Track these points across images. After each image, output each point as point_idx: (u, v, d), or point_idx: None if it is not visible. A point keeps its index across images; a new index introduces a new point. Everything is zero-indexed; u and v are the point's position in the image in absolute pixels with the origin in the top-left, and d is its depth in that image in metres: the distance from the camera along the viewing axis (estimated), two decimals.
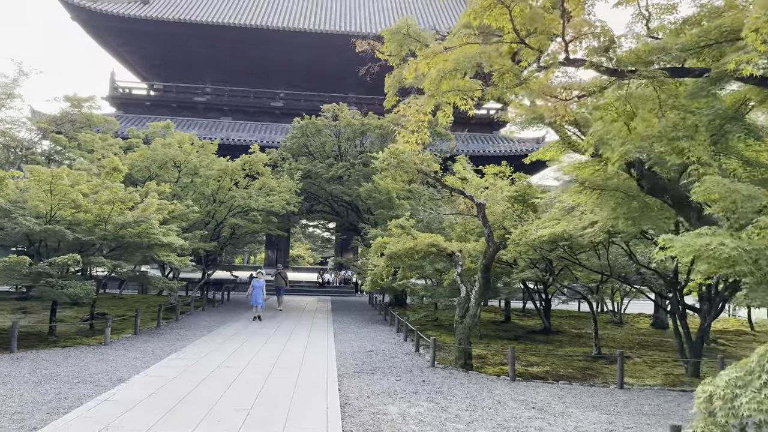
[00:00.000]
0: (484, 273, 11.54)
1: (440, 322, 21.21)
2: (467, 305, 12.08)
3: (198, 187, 19.09)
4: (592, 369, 13.71)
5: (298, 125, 24.60)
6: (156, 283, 15.43)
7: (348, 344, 14.63)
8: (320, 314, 22.38)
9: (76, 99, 23.22)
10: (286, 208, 21.03)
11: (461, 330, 11.91)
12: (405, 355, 13.18)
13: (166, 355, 11.98)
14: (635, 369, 14.05)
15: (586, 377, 12.76)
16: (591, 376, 12.89)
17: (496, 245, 11.15)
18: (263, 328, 17.12)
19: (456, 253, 12.87)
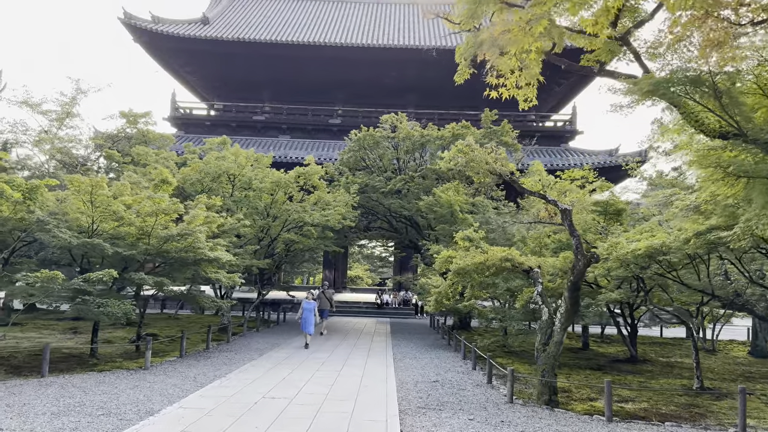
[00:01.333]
0: (572, 292, 9.75)
1: (510, 348, 19.26)
2: (550, 330, 10.29)
3: (251, 201, 18.09)
4: (698, 406, 11.60)
5: (355, 137, 23.45)
6: (203, 302, 14.36)
7: (410, 372, 13.03)
8: (378, 337, 20.87)
9: (132, 115, 22.93)
10: (342, 223, 19.76)
11: (544, 359, 10.12)
12: (476, 387, 11.44)
13: (208, 382, 10.74)
14: (750, 407, 11.79)
15: (695, 417, 10.68)
16: (700, 416, 10.81)
17: (587, 258, 9.39)
18: (317, 353, 15.75)
19: (535, 269, 11.13)
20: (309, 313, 16.86)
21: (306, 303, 17.02)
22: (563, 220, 9.75)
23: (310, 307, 16.93)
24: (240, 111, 39.40)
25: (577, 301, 9.93)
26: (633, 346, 17.84)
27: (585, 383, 13.56)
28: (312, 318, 16.80)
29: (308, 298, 17.24)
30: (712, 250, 11.65)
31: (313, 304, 17.02)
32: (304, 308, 16.94)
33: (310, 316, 16.82)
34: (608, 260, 11.88)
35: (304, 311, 16.88)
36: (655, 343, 24.04)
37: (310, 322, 16.75)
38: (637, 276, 13.24)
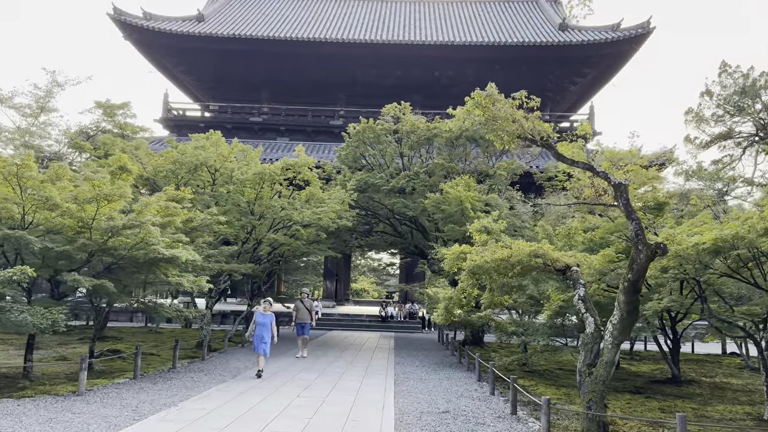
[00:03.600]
0: (631, 295, 7.26)
1: (532, 367, 16.69)
2: (598, 347, 7.78)
3: (231, 196, 15.71)
4: None
5: (353, 131, 21.08)
6: (163, 312, 11.94)
7: (413, 399, 10.52)
8: (380, 354, 18.35)
9: (109, 106, 20.74)
10: (338, 223, 17.32)
11: (591, 385, 7.61)
12: (498, 421, 8.91)
13: (149, 414, 8.29)
14: None
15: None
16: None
17: (651, 249, 6.91)
18: (303, 373, 13.26)
19: (573, 267, 8.65)
20: (263, 330, 12.78)
21: (259, 315, 12.94)
22: (617, 197, 7.29)
23: (265, 321, 12.86)
24: (236, 112, 37.25)
25: (636, 308, 7.42)
26: (675, 364, 15.23)
27: (631, 412, 11.00)
28: (268, 335, 12.80)
29: (262, 308, 13.14)
30: None
31: (269, 317, 12.96)
32: (257, 323, 12.82)
33: (264, 333, 12.77)
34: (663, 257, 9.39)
35: (256, 326, 12.79)
36: (690, 361, 21.37)
37: (264, 340, 12.72)
38: (693, 278, 10.72)
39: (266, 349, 12.80)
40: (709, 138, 20.00)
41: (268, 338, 12.80)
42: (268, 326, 12.89)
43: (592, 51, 34.83)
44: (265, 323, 12.88)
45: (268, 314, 13.05)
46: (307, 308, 16.41)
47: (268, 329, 12.87)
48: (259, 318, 12.91)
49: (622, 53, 35.57)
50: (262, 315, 12.99)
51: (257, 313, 13.07)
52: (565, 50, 34.66)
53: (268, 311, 13.13)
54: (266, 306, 13.19)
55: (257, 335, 12.77)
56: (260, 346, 12.71)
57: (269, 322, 12.94)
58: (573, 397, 12.54)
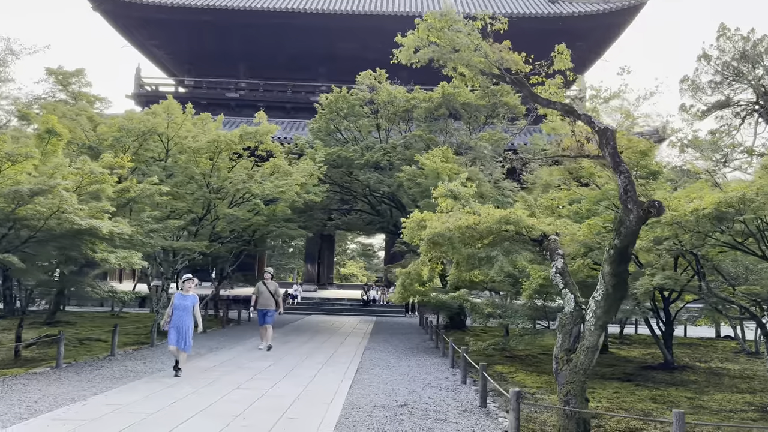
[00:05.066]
0: (618, 265, 5.94)
1: (514, 352, 15.47)
2: (578, 328, 6.49)
3: (183, 166, 14.26)
4: None
5: (325, 101, 19.60)
6: (93, 291, 10.54)
7: (372, 389, 9.22)
8: (353, 339, 17.07)
9: (62, 73, 19.16)
10: (304, 198, 15.93)
11: (570, 375, 6.32)
12: (462, 416, 7.62)
13: (44, 411, 6.94)
14: None
15: None
16: None
17: (643, 209, 5.58)
18: (258, 361, 11.94)
19: (551, 236, 7.33)
20: (183, 316, 9.86)
21: (178, 297, 10.04)
22: (602, 146, 5.95)
23: (185, 304, 9.95)
24: (212, 87, 35.61)
25: (624, 281, 6.10)
26: (668, 349, 14.03)
27: (619, 403, 9.76)
28: (189, 321, 9.92)
29: (183, 287, 10.23)
30: None
31: (191, 299, 10.03)
32: (175, 306, 9.95)
33: (185, 320, 9.85)
34: (658, 224, 8.10)
35: (173, 311, 9.92)
36: (682, 345, 20.19)
37: (184, 329, 9.85)
38: (690, 252, 9.44)
39: (187, 340, 9.88)
40: (706, 107, 18.77)
41: (189, 325, 9.88)
42: (189, 311, 9.92)
43: (583, 23, 33.39)
44: (185, 307, 9.90)
45: (189, 295, 10.05)
46: (270, 292, 13.82)
47: (189, 314, 9.91)
48: (178, 300, 9.96)
49: (614, 26, 34.18)
50: (182, 296, 10.01)
51: (176, 295, 10.16)
52: (555, 23, 33.19)
53: (190, 291, 10.14)
54: (187, 285, 10.15)
55: (174, 323, 9.83)
56: (178, 336, 9.80)
57: (191, 306, 9.97)
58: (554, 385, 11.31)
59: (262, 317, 13.73)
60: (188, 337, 9.89)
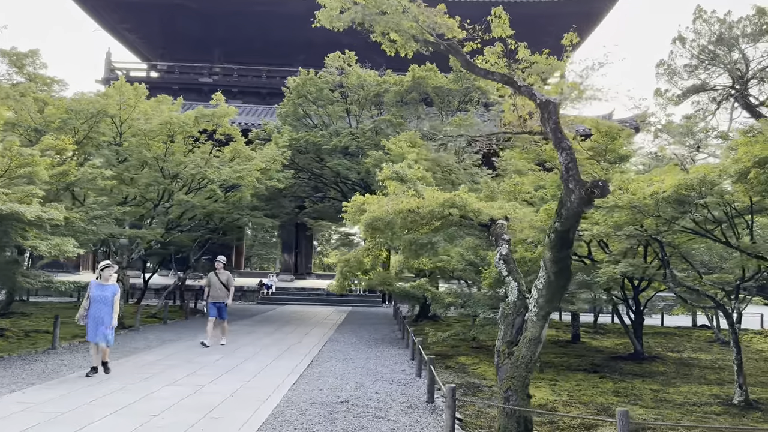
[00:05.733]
0: (559, 251, 5.45)
1: (481, 341, 15.05)
2: (521, 319, 6.00)
3: (134, 149, 13.56)
4: None
5: (293, 84, 18.94)
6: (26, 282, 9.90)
7: (318, 384, 8.71)
8: (319, 330, 16.55)
9: (15, 54, 18.21)
10: (266, 184, 15.31)
11: (511, 370, 5.84)
12: (404, 413, 7.13)
13: None
14: None
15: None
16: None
17: (586, 190, 5.08)
18: (206, 354, 11.36)
19: (499, 221, 6.82)
20: (101, 307, 8.65)
21: (95, 287, 8.76)
22: (543, 122, 5.43)
23: (103, 295, 8.71)
24: (184, 72, 34.70)
25: (566, 268, 5.61)
26: (638, 339, 13.67)
27: (578, 394, 9.34)
28: (108, 315, 8.68)
29: (102, 276, 8.87)
30: None
31: (111, 289, 8.81)
32: (92, 298, 8.73)
33: (104, 313, 8.63)
34: (616, 209, 7.62)
35: (90, 303, 8.72)
36: (657, 334, 19.96)
37: (103, 323, 8.61)
38: (654, 238, 8.99)
39: (108, 335, 8.65)
40: (682, 91, 18.31)
41: (108, 319, 8.65)
42: (109, 302, 8.69)
43: (559, 9, 32.84)
44: (104, 298, 8.68)
45: (109, 285, 8.82)
46: (222, 283, 12.62)
47: (109, 306, 8.68)
48: (95, 291, 8.71)
49: (593, 13, 33.66)
50: (100, 286, 8.76)
51: (92, 285, 8.84)
52: (530, 8, 32.61)
53: (110, 281, 8.89)
54: (107, 273, 8.86)
55: (92, 316, 8.64)
56: (97, 331, 8.59)
57: (111, 297, 8.74)
58: None
59: (213, 310, 12.62)
60: (110, 331, 8.72)
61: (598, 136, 11.95)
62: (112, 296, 8.81)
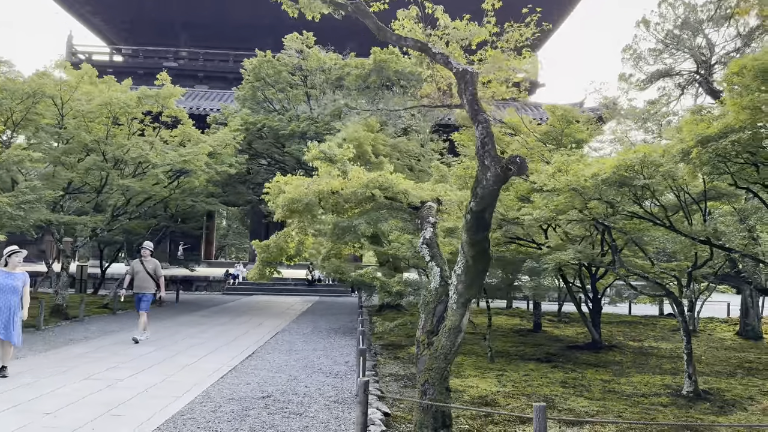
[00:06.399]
0: (474, 233, 5.02)
1: None
2: (442, 307, 5.58)
3: (73, 131, 12.85)
4: (700, 426, 7.19)
5: (250, 66, 18.29)
6: None
7: (249, 377, 8.24)
8: (275, 321, 16.07)
9: None
10: (216, 169, 14.71)
11: (429, 361, 5.42)
12: (328, 408, 6.69)
13: None
14: None
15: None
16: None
17: (501, 166, 4.65)
18: (141, 347, 10.79)
19: (428, 203, 6.38)
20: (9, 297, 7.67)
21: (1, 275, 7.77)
22: (461, 93, 4.98)
23: (11, 284, 7.73)
24: (149, 56, 33.76)
25: (485, 251, 5.19)
26: (596, 327, 13.40)
27: (523, 387, 8.98)
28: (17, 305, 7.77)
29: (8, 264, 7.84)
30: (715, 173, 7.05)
31: (19, 277, 7.86)
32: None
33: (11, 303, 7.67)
34: (555, 192, 7.22)
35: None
36: (623, 323, 19.81)
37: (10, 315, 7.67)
38: (601, 224, 8.63)
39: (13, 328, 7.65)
40: (647, 76, 18.05)
41: (17, 310, 7.73)
42: (17, 291, 7.75)
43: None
44: (12, 288, 7.70)
45: (17, 273, 7.84)
46: (147, 272, 11.18)
47: (16, 296, 7.73)
48: (1, 279, 7.67)
49: None
50: (7, 275, 7.74)
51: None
52: None
53: (18, 268, 7.89)
54: (14, 259, 7.82)
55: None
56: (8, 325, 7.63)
57: (20, 286, 7.80)
58: (464, 367, 10.53)
59: (137, 302, 11.39)
60: (15, 324, 7.71)
61: (554, 119, 11.56)
62: (21, 286, 7.86)
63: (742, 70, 6.35)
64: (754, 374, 11.05)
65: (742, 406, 8.38)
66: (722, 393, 9.15)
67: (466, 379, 9.47)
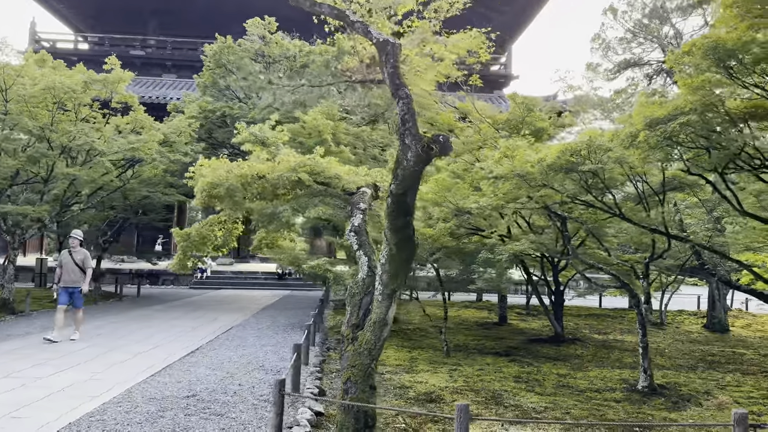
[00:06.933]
0: (396, 218, 4.63)
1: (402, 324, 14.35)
2: (369, 298, 5.18)
3: (17, 118, 12.17)
4: (650, 423, 6.94)
5: (210, 52, 17.69)
6: None
7: (182, 375, 7.79)
8: (234, 315, 15.55)
9: None
10: (169, 158, 14.13)
11: (353, 358, 5.02)
12: (253, 408, 6.26)
13: None
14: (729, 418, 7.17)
15: None
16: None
17: (423, 145, 4.25)
18: (75, 342, 10.26)
19: (363, 188, 5.97)
20: None
21: None
22: (382, 66, 4.57)
23: None
24: (115, 44, 32.78)
25: (409, 238, 4.79)
26: (558, 320, 13.16)
27: (474, 383, 8.65)
28: None
29: None
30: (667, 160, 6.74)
31: None
32: None
33: None
34: (501, 179, 6.85)
35: None
36: (591, 316, 19.65)
37: None
38: (556, 214, 8.30)
39: None
40: (615, 66, 17.82)
41: None
42: None
43: None
44: None
45: None
46: (77, 264, 10.26)
47: None
48: None
49: None
50: None
51: None
52: None
53: None
54: None
55: None
56: None
57: None
58: (418, 362, 10.18)
59: (65, 296, 10.29)
60: None
61: (514, 106, 11.22)
62: None
63: (692, 49, 6.03)
64: (716, 367, 10.87)
65: (697, 401, 8.14)
66: (679, 387, 8.92)
67: (418, 374, 9.12)
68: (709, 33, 6.05)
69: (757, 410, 7.76)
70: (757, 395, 8.60)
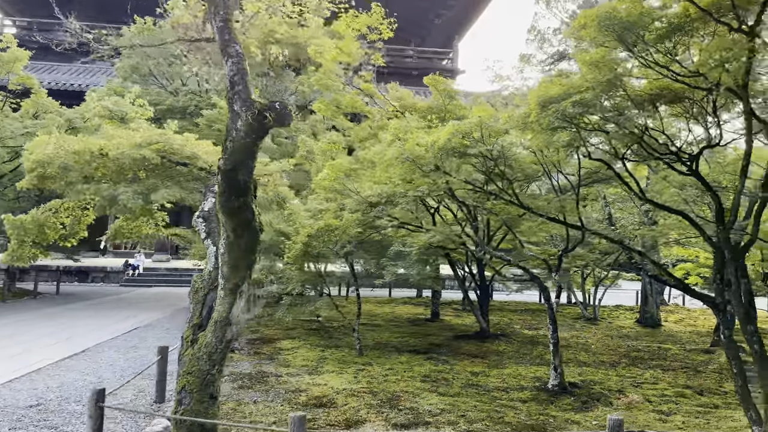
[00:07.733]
0: (228, 198, 3.97)
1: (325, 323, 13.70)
2: (214, 293, 4.51)
3: None
4: (548, 426, 6.48)
5: (129, 35, 16.60)
6: None
7: (47, 381, 6.96)
8: (150, 314, 14.62)
9: None
10: None
11: (190, 362, 4.33)
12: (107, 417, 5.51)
13: None
14: (641, 418, 6.83)
15: None
16: None
17: (254, 113, 3.58)
18: None
19: None
20: None
21: None
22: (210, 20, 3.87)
23: None
24: (45, 29, 30.92)
25: (247, 224, 4.13)
26: (484, 316, 12.73)
27: (378, 384, 8.07)
28: None
29: None
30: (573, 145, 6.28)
31: None
32: None
33: None
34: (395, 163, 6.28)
35: None
36: (527, 311, 19.36)
37: None
38: (465, 204, 7.78)
39: None
40: (547, 57, 17.57)
41: None
42: None
43: None
44: None
45: None
46: None
47: None
48: None
49: None
50: None
51: None
52: None
53: None
54: None
55: None
56: None
57: None
58: (327, 362, 9.55)
59: None
60: None
61: (436, 94, 10.69)
62: None
63: (588, 22, 5.55)
64: (638, 364, 10.58)
65: (607, 400, 7.75)
66: (592, 385, 8.54)
67: (321, 375, 8.49)
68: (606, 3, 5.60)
69: (667, 409, 7.42)
70: (671, 393, 8.28)
